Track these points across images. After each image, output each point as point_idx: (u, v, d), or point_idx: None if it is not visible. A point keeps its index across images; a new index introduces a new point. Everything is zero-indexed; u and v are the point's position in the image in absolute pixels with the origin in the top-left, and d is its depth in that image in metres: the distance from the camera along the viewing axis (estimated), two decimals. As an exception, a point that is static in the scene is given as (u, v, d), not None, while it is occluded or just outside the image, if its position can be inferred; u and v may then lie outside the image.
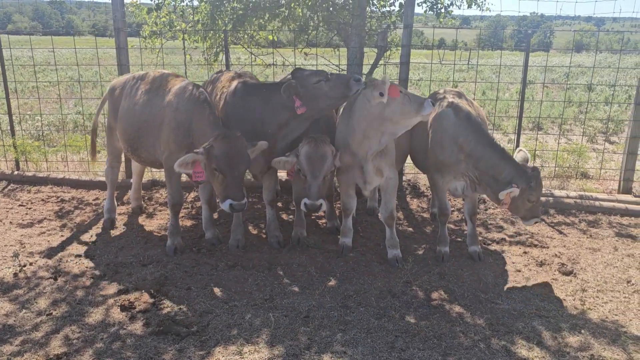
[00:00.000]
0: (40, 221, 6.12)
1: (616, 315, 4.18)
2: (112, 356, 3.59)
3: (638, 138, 7.01)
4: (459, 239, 5.67)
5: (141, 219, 6.23)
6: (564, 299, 4.44)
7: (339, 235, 5.61)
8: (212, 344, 3.73)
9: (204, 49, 8.31)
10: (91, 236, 5.69)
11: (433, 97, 5.25)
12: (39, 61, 20.89)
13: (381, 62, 7.15)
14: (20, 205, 6.64)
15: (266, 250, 5.34)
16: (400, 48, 6.94)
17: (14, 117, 7.92)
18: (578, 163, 7.63)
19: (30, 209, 6.54)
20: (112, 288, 4.53)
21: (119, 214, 6.27)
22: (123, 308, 4.19)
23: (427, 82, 13.52)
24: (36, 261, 5.03)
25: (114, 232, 5.81)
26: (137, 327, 3.95)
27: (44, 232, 5.79)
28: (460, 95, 5.22)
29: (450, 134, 4.74)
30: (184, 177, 5.32)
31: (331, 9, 7.20)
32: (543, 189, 7.00)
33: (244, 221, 5.61)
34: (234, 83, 5.27)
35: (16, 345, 3.71)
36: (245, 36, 7.87)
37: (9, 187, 7.24)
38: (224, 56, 7.16)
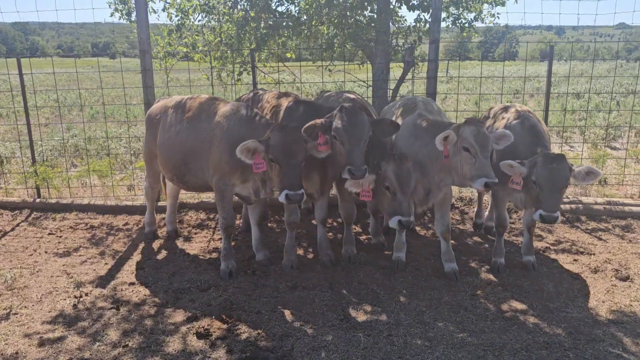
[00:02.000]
0: (76, 249, 5.96)
1: (685, 318, 4.30)
2: (208, 386, 3.51)
3: (658, 144, 7.26)
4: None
5: (180, 243, 6.13)
6: (631, 305, 4.54)
7: (386, 250, 5.66)
8: (304, 368, 3.69)
9: (217, 69, 8.29)
10: (136, 263, 5.56)
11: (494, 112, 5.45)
12: (14, 84, 20.44)
13: (408, 77, 7.25)
14: (49, 233, 6.46)
15: (320, 269, 5.32)
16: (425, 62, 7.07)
17: (23, 143, 7.72)
18: (602, 169, 7.82)
19: (61, 237, 6.36)
20: (180, 315, 4.44)
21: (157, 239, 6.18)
22: (199, 335, 4.11)
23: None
24: (91, 291, 4.89)
25: (160, 257, 5.70)
26: (221, 354, 3.87)
27: (86, 261, 5.63)
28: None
29: (512, 144, 4.83)
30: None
31: (354, 26, 7.28)
32: (570, 196, 7.20)
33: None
34: (287, 101, 5.28)
35: (102, 381, 3.60)
36: (264, 55, 7.90)
37: (33, 215, 7.04)
38: (252, 75, 7.14)
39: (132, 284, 5.07)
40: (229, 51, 7.52)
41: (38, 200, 7.36)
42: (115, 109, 16.46)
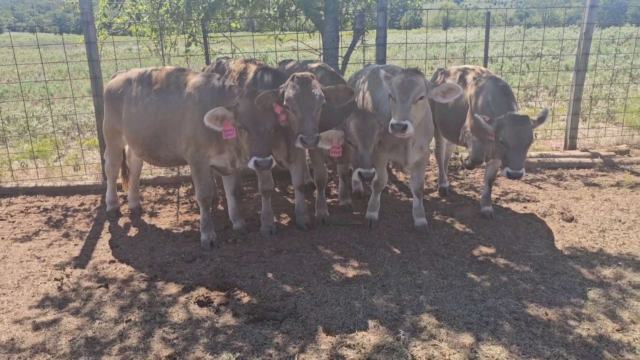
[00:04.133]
0: (36, 233, 5.71)
1: (626, 248, 4.98)
2: (226, 348, 3.62)
3: (579, 101, 8.06)
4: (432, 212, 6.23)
5: (146, 219, 6.05)
6: (580, 241, 5.16)
7: (354, 212, 5.95)
8: (313, 322, 3.89)
9: (155, 40, 8.05)
10: (108, 241, 5.45)
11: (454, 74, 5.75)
12: None
13: (358, 44, 7.45)
14: (-1, 219, 6.11)
15: (298, 233, 5.50)
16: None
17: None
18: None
19: (14, 222, 6.05)
20: (173, 287, 4.46)
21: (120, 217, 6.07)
22: (201, 303, 4.18)
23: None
24: (71, 272, 4.76)
25: (131, 234, 5.61)
26: (229, 318, 3.98)
27: (52, 244, 5.43)
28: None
29: (486, 102, 5.19)
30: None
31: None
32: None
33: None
34: (252, 69, 5.32)
35: (116, 355, 3.59)
36: (213, 24, 7.76)
37: (-26, 203, 6.59)
38: (204, 46, 7.02)
39: (112, 262, 4.98)
40: (175, 22, 7.31)
41: (-23, 186, 6.88)
42: (26, 87, 15.29)
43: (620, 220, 5.59)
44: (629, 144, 8.45)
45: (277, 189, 6.86)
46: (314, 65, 5.67)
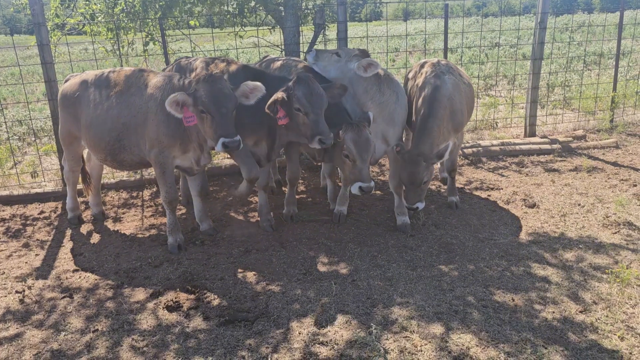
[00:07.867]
0: (-7, 244, 5.51)
1: (586, 231, 5.14)
2: (198, 353, 3.57)
3: (537, 89, 8.25)
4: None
5: (110, 225, 5.90)
6: (542, 227, 5.30)
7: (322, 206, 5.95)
8: (285, 321, 3.88)
9: (111, 40, 7.85)
10: (70, 250, 5.30)
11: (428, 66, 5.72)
12: None
13: (320, 39, 7.43)
14: (-47, 231, 5.86)
15: (266, 231, 5.46)
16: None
17: None
18: (493, 115, 8.72)
19: (-31, 234, 5.81)
20: (141, 293, 4.38)
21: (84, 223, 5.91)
22: (170, 308, 4.11)
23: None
24: (33, 284, 4.61)
25: (95, 241, 5.47)
26: (199, 322, 3.93)
27: (11, 255, 5.25)
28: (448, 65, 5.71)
29: (445, 97, 5.24)
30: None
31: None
32: (470, 141, 7.99)
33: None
34: (221, 67, 5.24)
35: (84, 367, 3.51)
36: (170, 22, 7.61)
37: None
38: (163, 45, 6.88)
39: (75, 270, 4.85)
40: (132, 21, 7.13)
41: None
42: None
43: (579, 204, 5.76)
44: (585, 129, 8.71)
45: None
46: (278, 64, 5.64)
